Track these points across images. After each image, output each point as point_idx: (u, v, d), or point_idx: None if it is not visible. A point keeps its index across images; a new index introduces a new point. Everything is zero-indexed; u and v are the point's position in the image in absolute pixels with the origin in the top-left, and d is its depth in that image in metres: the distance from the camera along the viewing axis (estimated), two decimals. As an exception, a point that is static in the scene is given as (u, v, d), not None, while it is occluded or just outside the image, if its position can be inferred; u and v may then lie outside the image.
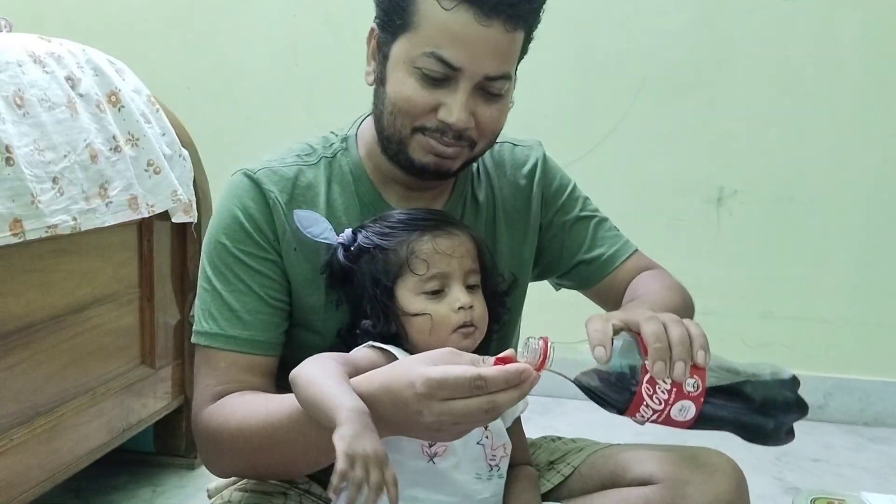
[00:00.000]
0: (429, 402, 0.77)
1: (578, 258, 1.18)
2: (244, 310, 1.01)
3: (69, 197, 1.42)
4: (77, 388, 1.53)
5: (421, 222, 0.98)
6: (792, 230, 2.44)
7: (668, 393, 0.81)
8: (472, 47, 0.95)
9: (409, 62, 0.97)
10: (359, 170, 1.09)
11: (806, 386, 2.58)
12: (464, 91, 0.97)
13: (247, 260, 1.03)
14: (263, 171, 1.06)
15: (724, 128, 2.44)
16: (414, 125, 1.00)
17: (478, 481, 0.96)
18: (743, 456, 1.05)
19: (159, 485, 1.85)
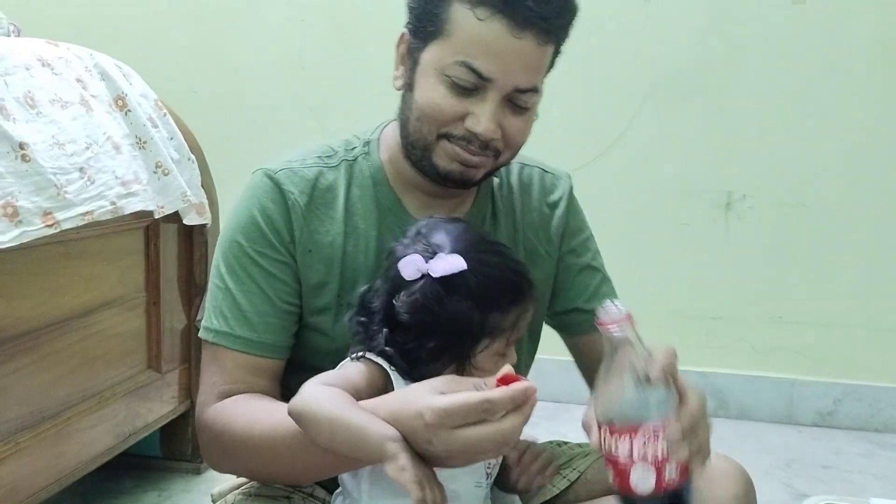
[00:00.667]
0: (438, 431, 0.76)
1: (576, 305, 1.16)
2: (254, 311, 1.01)
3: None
4: (83, 393, 1.53)
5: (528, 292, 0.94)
6: (801, 235, 2.43)
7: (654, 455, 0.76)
8: (504, 59, 0.95)
9: (439, 69, 0.97)
10: (379, 174, 1.08)
11: (815, 391, 2.59)
12: (493, 101, 0.97)
13: (261, 261, 1.02)
14: (284, 172, 1.05)
15: (732, 133, 2.43)
16: (440, 132, 0.99)
17: (477, 489, 0.95)
18: (752, 462, 1.04)
19: (165, 489, 1.85)
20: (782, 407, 2.48)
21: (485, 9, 0.93)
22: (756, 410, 2.50)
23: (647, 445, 0.76)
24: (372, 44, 2.59)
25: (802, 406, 2.47)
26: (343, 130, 1.17)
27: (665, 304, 2.42)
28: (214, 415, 0.99)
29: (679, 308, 2.47)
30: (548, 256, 1.15)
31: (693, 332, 2.49)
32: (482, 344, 0.91)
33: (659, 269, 2.46)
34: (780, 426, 2.45)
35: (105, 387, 1.60)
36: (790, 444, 2.33)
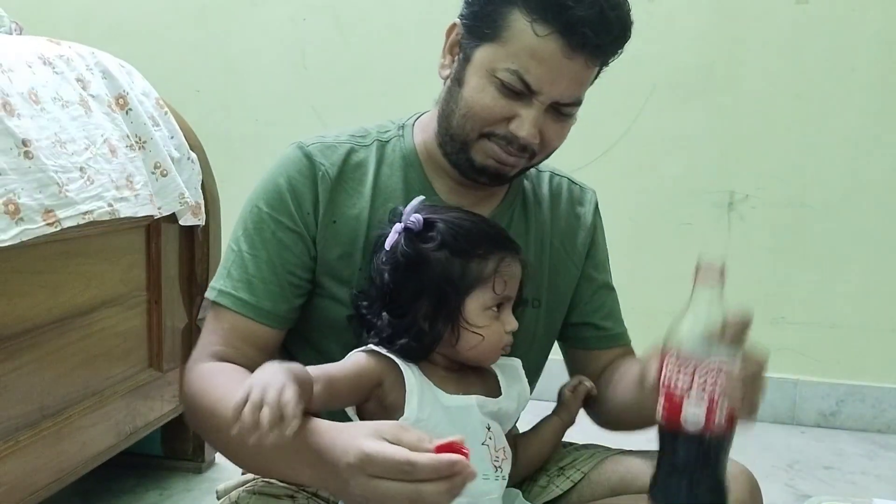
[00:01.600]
0: (356, 474, 0.76)
1: (591, 319, 1.18)
2: (258, 276, 1.03)
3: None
4: (84, 391, 1.53)
5: (505, 242, 1.00)
6: (803, 235, 2.43)
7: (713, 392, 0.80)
8: (554, 75, 0.98)
9: (490, 71, 0.99)
10: (412, 156, 1.10)
11: (818, 392, 2.58)
12: (537, 109, 1.00)
13: (275, 228, 1.04)
14: (316, 146, 1.07)
15: (735, 132, 2.43)
16: (483, 131, 1.02)
17: (486, 482, 0.95)
18: (754, 463, 1.04)
19: (166, 488, 1.85)
20: (785, 407, 2.48)
21: (544, 26, 0.96)
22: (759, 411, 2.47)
23: (707, 380, 0.79)
24: (374, 43, 2.60)
25: (805, 407, 2.47)
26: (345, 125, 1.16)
27: (668, 304, 2.35)
28: (198, 374, 1.00)
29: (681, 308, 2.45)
30: (573, 266, 1.17)
31: None
32: (470, 296, 0.95)
33: (660, 268, 2.45)
34: (782, 427, 2.45)
35: (106, 385, 1.59)
36: (793, 444, 2.32)
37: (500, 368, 1.03)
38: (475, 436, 0.94)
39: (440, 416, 0.93)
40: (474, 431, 0.94)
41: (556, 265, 1.15)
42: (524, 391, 1.04)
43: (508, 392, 1.01)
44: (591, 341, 1.18)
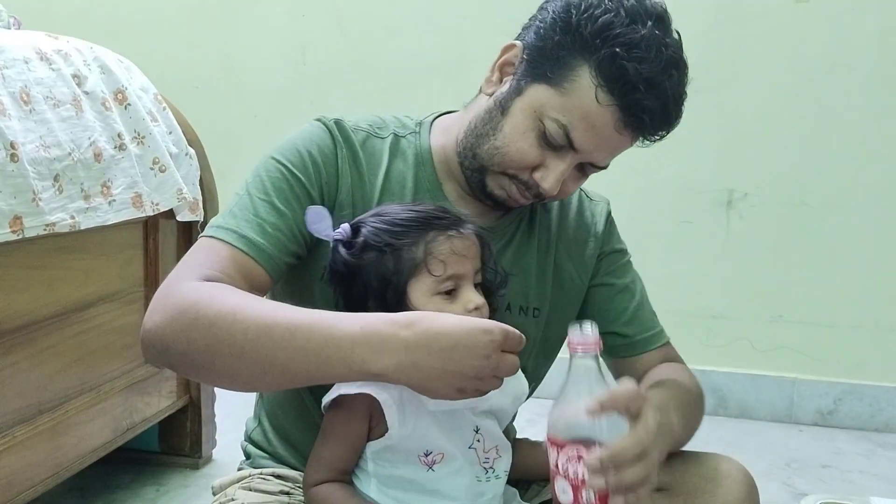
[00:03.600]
0: (498, 348, 0.81)
1: (613, 327, 1.15)
2: (267, 221, 0.98)
3: (67, 196, 1.42)
4: (81, 386, 1.53)
5: (434, 221, 0.96)
6: (802, 234, 2.42)
7: (574, 475, 0.81)
8: (599, 142, 0.98)
9: (538, 114, 0.99)
10: (426, 155, 1.09)
11: (816, 391, 2.58)
12: (568, 165, 1.00)
13: (292, 182, 1.00)
14: (338, 122, 1.06)
15: (734, 130, 2.42)
16: (507, 171, 1.01)
17: (479, 483, 0.95)
18: (752, 462, 1.04)
19: (163, 484, 1.84)
20: (783, 406, 2.47)
21: (608, 97, 0.95)
22: (756, 409, 2.49)
23: (568, 464, 0.81)
24: (374, 39, 2.59)
25: (803, 405, 2.46)
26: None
27: (665, 302, 2.33)
28: (196, 287, 0.90)
29: (679, 306, 2.42)
30: (577, 277, 1.15)
31: (693, 330, 2.47)
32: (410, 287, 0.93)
33: (659, 266, 2.43)
34: (780, 425, 2.44)
35: (103, 381, 1.60)
36: (790, 443, 2.32)
37: None
38: (462, 440, 0.93)
39: (426, 423, 0.92)
40: (461, 436, 0.94)
41: (560, 276, 1.13)
42: (520, 386, 1.02)
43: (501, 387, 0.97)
44: (617, 350, 1.15)
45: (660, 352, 1.17)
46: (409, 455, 0.93)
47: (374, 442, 0.93)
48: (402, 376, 0.82)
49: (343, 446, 0.94)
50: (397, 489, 0.94)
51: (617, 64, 0.94)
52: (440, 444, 0.93)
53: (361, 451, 0.95)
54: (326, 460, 0.95)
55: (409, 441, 0.92)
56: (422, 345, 0.81)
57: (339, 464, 0.95)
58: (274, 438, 1.10)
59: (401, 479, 0.94)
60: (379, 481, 0.95)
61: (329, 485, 0.95)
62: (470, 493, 0.94)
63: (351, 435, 0.94)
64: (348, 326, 0.83)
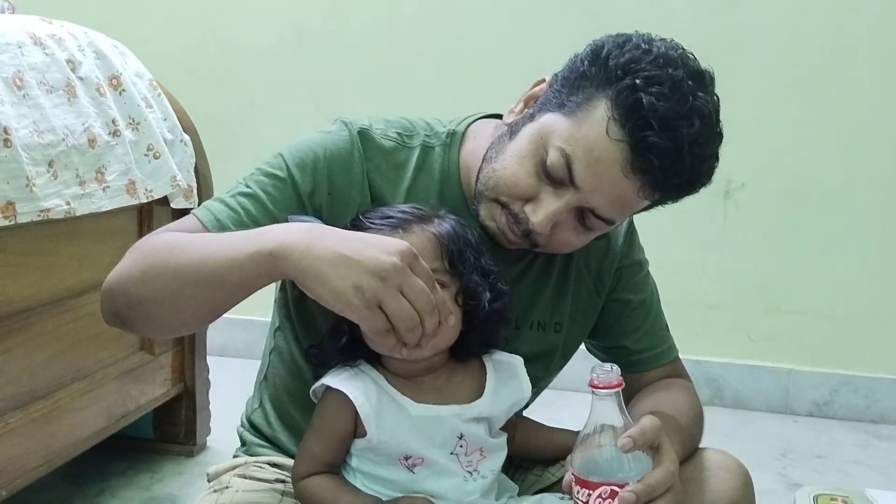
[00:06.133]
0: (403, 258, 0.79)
1: (623, 342, 1.14)
2: (248, 214, 0.96)
3: (62, 181, 1.41)
4: (75, 374, 1.53)
5: (380, 220, 0.93)
6: (800, 224, 2.41)
7: None
8: (602, 182, 0.91)
9: (543, 140, 0.93)
10: (453, 169, 1.04)
11: (812, 381, 2.57)
12: (564, 203, 0.93)
13: (288, 184, 0.98)
14: (364, 131, 1.02)
15: (731, 120, 2.29)
16: (501, 199, 0.96)
17: (465, 483, 0.94)
18: (747, 452, 1.04)
19: (157, 471, 1.84)
20: (778, 396, 2.47)
21: (619, 131, 0.89)
22: (752, 400, 2.48)
23: (602, 502, 0.81)
24: (372, 25, 2.57)
25: (798, 396, 2.46)
26: (340, 112, 1.13)
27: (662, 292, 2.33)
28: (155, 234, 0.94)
29: (675, 296, 2.33)
30: (595, 294, 1.13)
31: (689, 320, 2.38)
32: None
33: (655, 256, 2.39)
34: (775, 416, 2.44)
35: (97, 368, 1.59)
36: (785, 433, 2.32)
37: (494, 365, 0.99)
38: (444, 447, 0.92)
39: (406, 428, 0.91)
40: (443, 442, 0.92)
41: (578, 291, 1.11)
42: (520, 390, 1.00)
43: (497, 392, 0.97)
44: (628, 365, 1.12)
45: (667, 368, 1.16)
46: (389, 458, 0.92)
47: (358, 440, 0.93)
48: (295, 253, 0.79)
49: (331, 441, 0.93)
50: (381, 486, 0.93)
51: (634, 96, 0.88)
52: (419, 450, 0.92)
53: (349, 446, 0.94)
54: (315, 454, 0.94)
55: (387, 445, 0.92)
56: (321, 231, 0.81)
57: (327, 458, 0.94)
58: (276, 423, 1.09)
59: (383, 479, 0.93)
60: (364, 478, 0.94)
61: (318, 477, 0.94)
62: (457, 493, 0.93)
63: (338, 431, 0.93)
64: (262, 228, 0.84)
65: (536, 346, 1.09)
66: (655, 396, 1.11)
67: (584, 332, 1.16)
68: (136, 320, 0.93)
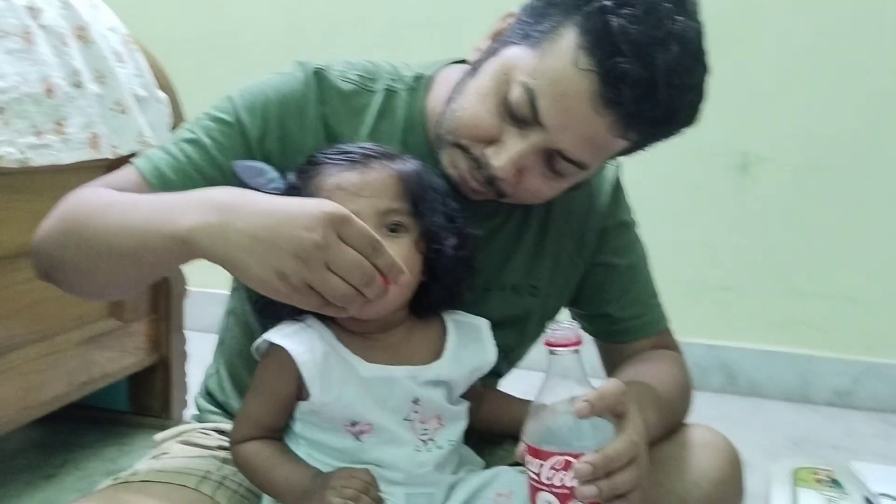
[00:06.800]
0: (329, 226, 0.71)
1: (608, 309, 1.08)
2: (190, 161, 0.91)
3: (16, 130, 1.36)
4: (29, 335, 1.48)
5: (338, 156, 0.87)
6: (822, 201, 2.31)
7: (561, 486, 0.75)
8: (570, 119, 0.83)
9: (506, 75, 0.86)
10: (418, 117, 0.97)
11: (833, 369, 2.48)
12: (529, 145, 0.86)
13: (235, 128, 0.93)
14: (319, 72, 0.96)
15: (749, 89, 2.31)
16: (461, 142, 0.89)
17: (418, 454, 0.88)
18: (757, 440, 0.97)
19: (128, 444, 1.79)
20: (796, 384, 2.37)
21: (588, 60, 0.81)
22: (767, 387, 2.39)
23: (555, 474, 0.74)
24: None
25: (817, 384, 2.36)
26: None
27: (673, 273, 2.26)
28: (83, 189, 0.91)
29: (688, 277, 2.37)
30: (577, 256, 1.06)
31: (703, 303, 2.39)
32: None
33: (667, 235, 2.32)
34: (792, 405, 2.33)
35: (56, 332, 1.54)
36: (801, 422, 2.21)
37: (456, 327, 0.93)
38: (397, 412, 0.86)
39: (355, 390, 0.85)
40: (396, 407, 0.86)
41: (558, 253, 1.04)
42: (484, 353, 0.94)
43: (457, 355, 0.91)
44: (609, 335, 1.09)
45: (654, 339, 1.09)
46: (335, 423, 0.85)
47: (301, 403, 0.86)
48: (206, 240, 0.73)
49: (271, 402, 0.87)
50: (325, 455, 0.87)
51: (602, 19, 0.80)
52: (368, 415, 0.85)
53: (292, 409, 0.87)
54: (253, 416, 0.88)
55: (332, 409, 0.85)
56: (235, 206, 0.73)
57: (268, 421, 0.88)
58: (229, 388, 1.05)
59: (327, 446, 0.87)
60: (308, 445, 0.88)
61: (256, 442, 0.88)
62: (407, 464, 0.87)
63: (280, 391, 0.87)
64: (174, 195, 0.78)
65: (509, 311, 1.02)
66: (637, 367, 1.04)
67: (565, 297, 1.08)
68: (63, 282, 0.90)
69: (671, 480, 0.91)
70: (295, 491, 0.84)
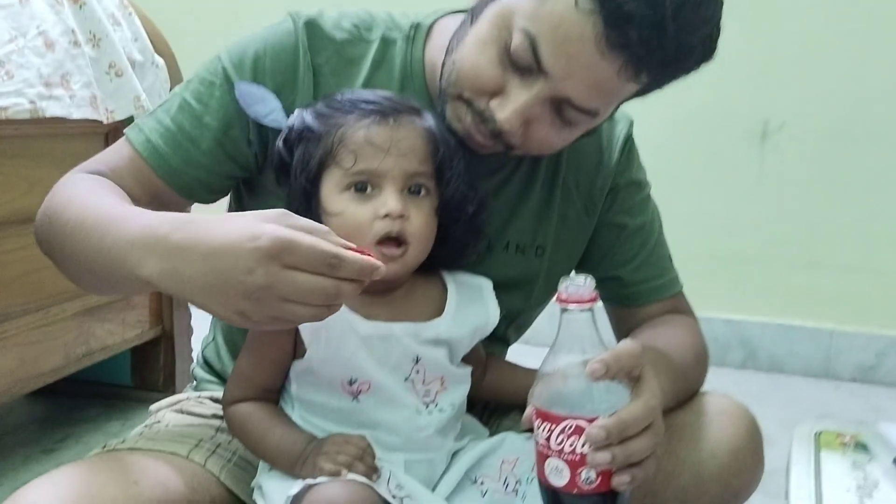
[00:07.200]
0: (269, 263, 0.65)
1: (618, 272, 1.04)
2: (181, 129, 0.91)
3: (22, 80, 1.34)
4: (25, 305, 1.44)
5: (365, 105, 0.84)
6: (845, 169, 2.25)
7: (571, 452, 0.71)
8: (575, 65, 0.79)
9: (505, 22, 0.82)
10: (416, 66, 0.94)
11: (856, 343, 2.42)
12: (535, 95, 0.82)
13: (224, 89, 0.91)
14: (311, 22, 0.93)
15: (771, 52, 2.25)
16: (464, 94, 0.85)
17: (418, 416, 0.85)
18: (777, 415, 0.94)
19: (129, 419, 1.76)
20: (818, 360, 2.31)
21: (590, 1, 0.76)
22: (789, 363, 2.33)
23: (565, 439, 0.71)
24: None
25: (841, 359, 2.30)
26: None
27: (691, 245, 2.21)
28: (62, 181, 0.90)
29: (706, 249, 2.32)
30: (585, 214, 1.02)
31: (722, 276, 2.34)
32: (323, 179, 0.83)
33: (685, 205, 2.30)
34: (814, 381, 2.28)
35: (52, 303, 1.50)
36: (824, 399, 2.16)
37: (456, 286, 0.89)
38: (397, 371, 0.83)
39: (352, 347, 0.82)
40: (397, 365, 0.83)
41: (565, 212, 1.00)
42: (486, 314, 0.91)
43: (458, 313, 0.87)
44: (620, 298, 1.05)
45: (667, 303, 1.05)
46: (331, 381, 0.82)
47: (297, 361, 0.83)
48: (168, 284, 0.71)
49: (266, 362, 0.85)
50: (320, 417, 0.84)
51: None
52: (367, 373, 0.82)
53: (286, 369, 0.85)
54: (247, 375, 0.85)
55: (329, 366, 0.82)
56: (183, 249, 0.69)
57: (262, 381, 0.85)
58: (225, 355, 1.03)
59: (323, 407, 0.84)
60: (302, 407, 0.85)
61: (249, 403, 0.85)
62: (407, 426, 0.84)
63: (275, 350, 0.85)
64: (133, 225, 0.74)
65: (513, 271, 0.99)
66: (649, 332, 1.00)
67: (573, 259, 1.04)
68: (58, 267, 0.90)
69: (686, 450, 0.88)
70: (288, 455, 0.81)
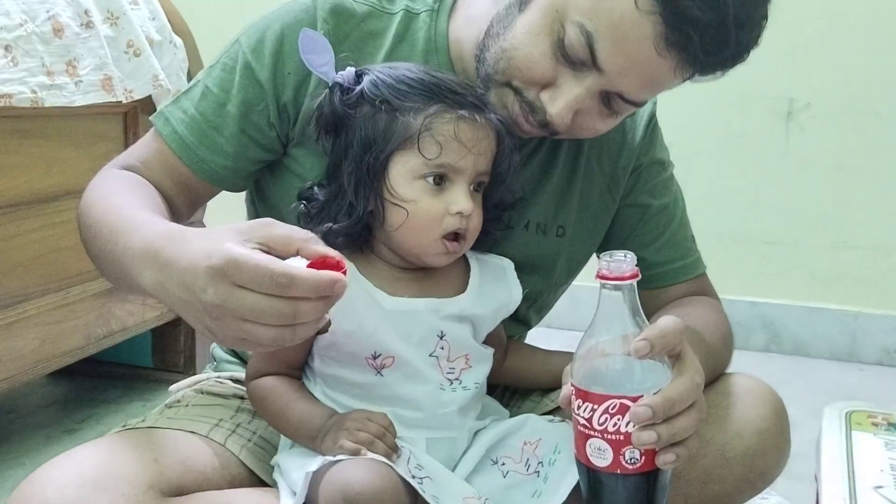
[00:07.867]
0: (219, 281, 0.64)
1: (642, 253, 1.01)
2: (205, 117, 0.91)
3: (25, 69, 1.32)
4: (45, 285, 1.44)
5: (449, 94, 0.82)
6: (871, 149, 2.19)
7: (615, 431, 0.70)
8: (631, 63, 0.80)
9: (560, 14, 0.81)
10: (440, 40, 0.94)
11: (882, 326, 2.37)
12: (586, 90, 0.82)
13: (245, 74, 0.91)
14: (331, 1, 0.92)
15: (796, 31, 2.18)
16: (513, 83, 0.85)
17: (442, 392, 0.84)
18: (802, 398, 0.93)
19: (151, 399, 1.76)
20: (844, 342, 2.27)
21: (651, 2, 0.77)
22: (813, 346, 2.29)
23: (608, 419, 0.69)
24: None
25: (866, 342, 2.25)
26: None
27: (714, 226, 2.23)
28: (104, 173, 0.93)
29: (730, 230, 2.28)
30: (608, 194, 1.01)
31: (745, 257, 2.30)
32: (393, 159, 0.81)
33: (709, 185, 2.26)
34: (839, 364, 2.23)
35: (72, 283, 1.49)
36: (849, 382, 2.11)
37: (479, 265, 0.89)
38: (422, 346, 0.83)
39: (375, 322, 0.81)
40: (421, 340, 0.83)
41: (587, 191, 1.00)
42: (509, 292, 0.91)
43: (481, 291, 0.87)
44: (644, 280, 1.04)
45: (691, 284, 1.04)
46: (355, 356, 0.82)
47: (321, 336, 0.82)
48: (159, 296, 0.72)
49: None
50: (343, 394, 0.84)
51: None
52: (391, 347, 0.82)
53: (310, 344, 0.84)
54: (271, 352, 0.84)
55: (352, 340, 0.81)
56: (168, 265, 0.70)
57: (285, 357, 0.85)
58: None
59: (346, 382, 0.83)
60: (324, 382, 0.85)
61: (272, 378, 0.85)
62: (430, 402, 0.83)
63: None
64: (138, 237, 0.75)
65: (534, 251, 0.98)
66: (677, 312, 0.98)
67: (595, 239, 1.03)
68: None
69: (711, 430, 0.87)
70: (309, 429, 0.81)
